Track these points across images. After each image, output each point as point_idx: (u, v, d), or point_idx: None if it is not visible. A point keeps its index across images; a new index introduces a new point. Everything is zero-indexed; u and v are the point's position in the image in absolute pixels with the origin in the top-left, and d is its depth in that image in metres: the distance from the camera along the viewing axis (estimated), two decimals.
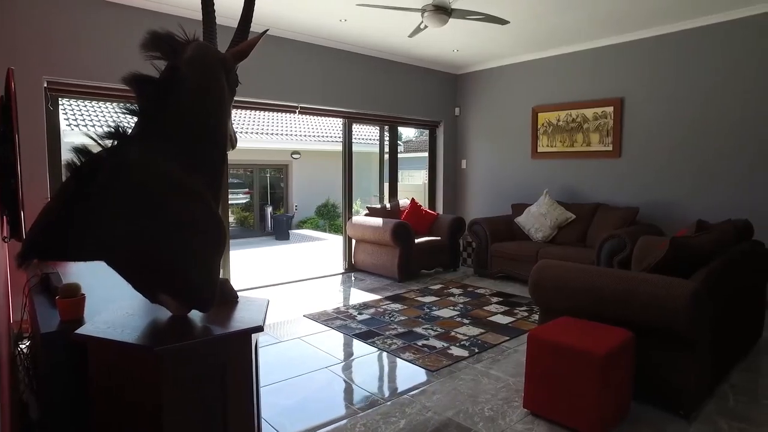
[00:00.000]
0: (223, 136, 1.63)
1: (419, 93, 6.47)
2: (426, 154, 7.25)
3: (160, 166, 1.43)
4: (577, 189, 5.67)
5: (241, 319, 1.57)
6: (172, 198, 1.42)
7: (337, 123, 13.48)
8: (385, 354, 3.26)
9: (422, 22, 3.72)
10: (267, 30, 1.95)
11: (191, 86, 1.53)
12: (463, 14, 3.59)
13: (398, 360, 3.14)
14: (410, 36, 4.13)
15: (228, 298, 1.72)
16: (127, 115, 1.49)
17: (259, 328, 1.49)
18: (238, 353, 1.50)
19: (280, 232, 11.43)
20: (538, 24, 4.78)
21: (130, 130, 1.47)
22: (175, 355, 1.38)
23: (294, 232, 11.93)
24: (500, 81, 6.38)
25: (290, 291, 5.02)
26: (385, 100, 6.06)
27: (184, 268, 1.43)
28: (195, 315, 1.58)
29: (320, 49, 5.37)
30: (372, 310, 4.25)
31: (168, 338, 1.43)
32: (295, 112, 5.28)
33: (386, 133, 6.70)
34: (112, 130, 1.42)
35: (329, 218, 12.73)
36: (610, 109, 5.29)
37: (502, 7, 4.08)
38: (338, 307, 4.36)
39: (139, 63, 1.55)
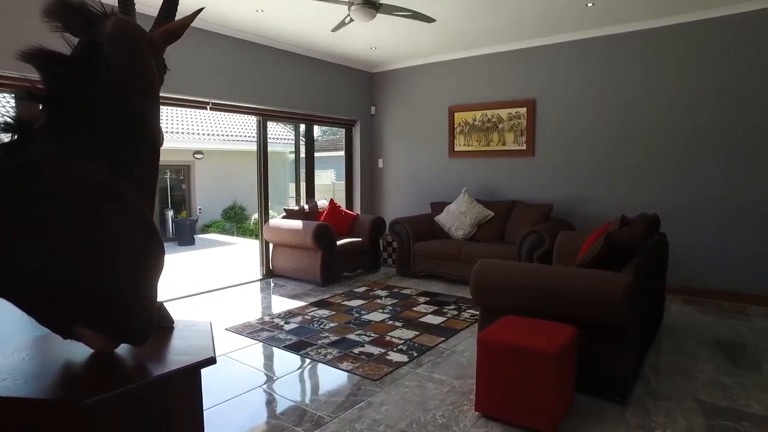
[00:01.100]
0: (156, 130, 1.34)
1: (336, 91, 6.30)
2: (335, 153, 7.13)
3: (81, 168, 1.12)
4: (494, 187, 5.86)
5: (185, 350, 1.29)
6: (97, 208, 1.13)
7: (246, 121, 12.88)
8: (321, 365, 3.07)
9: (348, 15, 3.57)
10: (203, 8, 1.69)
11: (116, 68, 1.22)
12: (391, 10, 3.49)
13: (337, 371, 2.97)
14: (333, 30, 3.96)
15: (162, 325, 1.44)
16: (33, 105, 1.15)
17: (211, 360, 1.23)
18: (185, 394, 1.23)
19: (184, 237, 10.64)
20: (458, 25, 4.83)
21: (36, 123, 1.12)
22: (107, 407, 1.07)
23: (199, 237, 11.17)
24: (417, 80, 6.40)
25: (205, 303, 4.62)
26: (302, 98, 5.82)
27: (113, 295, 1.15)
28: (124, 351, 1.29)
29: (235, 41, 5.01)
30: (299, 318, 4.03)
31: (93, 386, 1.11)
32: (207, 109, 4.87)
33: (298, 133, 6.45)
34: (10, 121, 1.08)
35: (237, 221, 12.10)
36: (523, 110, 5.51)
37: (426, 4, 4.05)
38: (262, 318, 4.07)
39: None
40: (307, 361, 3.14)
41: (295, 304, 4.49)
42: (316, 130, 12.22)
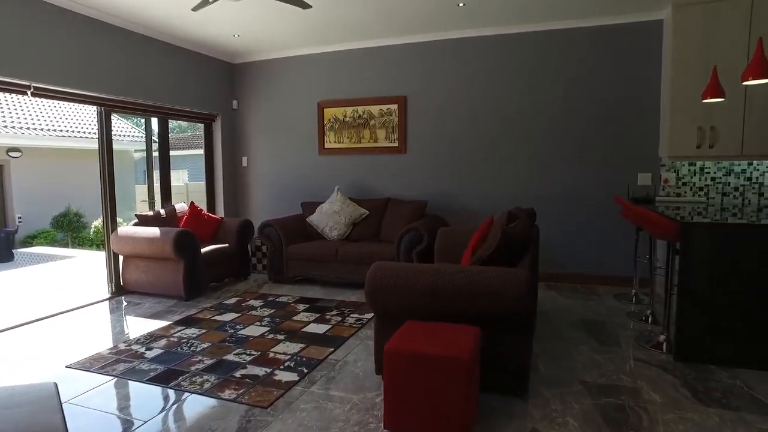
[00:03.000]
0: None
1: (193, 82, 5.65)
2: (187, 152, 6.46)
3: None
4: (367, 184, 5.76)
5: None
6: None
7: (84, 112, 11.11)
8: (198, 398, 2.62)
9: None
10: None
11: None
12: None
13: (218, 402, 2.56)
14: (194, 9, 3.46)
15: None
16: None
17: None
18: None
19: None
20: (328, 16, 4.60)
21: None
22: None
23: (21, 251, 9.34)
24: (284, 73, 6.03)
25: (35, 334, 3.76)
26: (153, 88, 5.09)
27: None
28: None
29: (70, 14, 4.15)
30: (163, 342, 3.46)
31: None
32: (27, 94, 3.94)
33: (150, 128, 5.66)
34: None
35: (73, 230, 10.39)
36: (394, 107, 5.50)
37: None
38: (116, 346, 3.42)
39: None
40: (180, 394, 2.67)
41: (156, 324, 3.88)
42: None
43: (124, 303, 4.59)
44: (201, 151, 6.31)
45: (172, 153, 5.76)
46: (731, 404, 2.48)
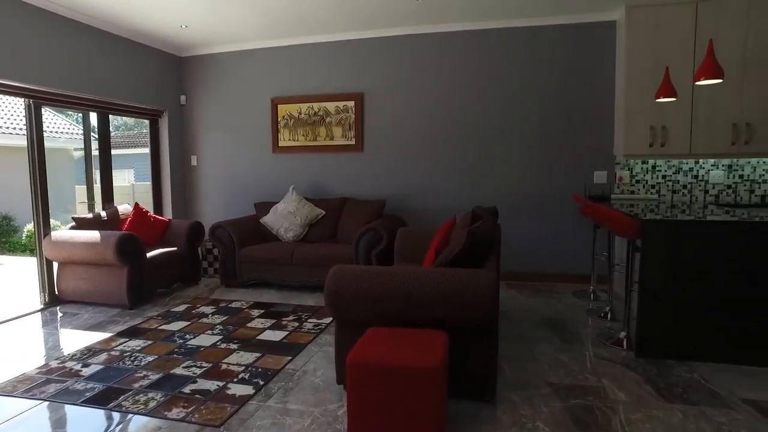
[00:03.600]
0: None
1: (136, 75, 5.29)
2: (133, 151, 6.09)
3: None
4: (323, 184, 5.58)
5: None
6: None
7: (13, 105, 10.23)
8: (142, 419, 2.38)
9: None
10: None
11: None
12: None
13: (165, 422, 2.33)
14: None
15: None
16: None
17: None
18: None
19: None
20: (284, 7, 4.40)
21: None
22: None
23: None
24: (235, 68, 5.76)
25: None
26: (92, 80, 4.71)
27: None
28: None
29: None
30: (103, 357, 3.17)
31: None
32: None
33: (88, 124, 5.26)
34: None
35: (1, 235, 9.60)
36: (351, 104, 5.34)
37: None
38: (47, 364, 3.10)
39: None
40: (121, 416, 2.42)
41: (95, 337, 3.56)
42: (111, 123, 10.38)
43: (59, 314, 4.21)
44: (148, 150, 5.94)
45: (117, 152, 5.39)
46: (692, 399, 2.50)
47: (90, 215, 4.68)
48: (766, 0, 4.13)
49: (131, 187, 10.35)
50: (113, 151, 5.30)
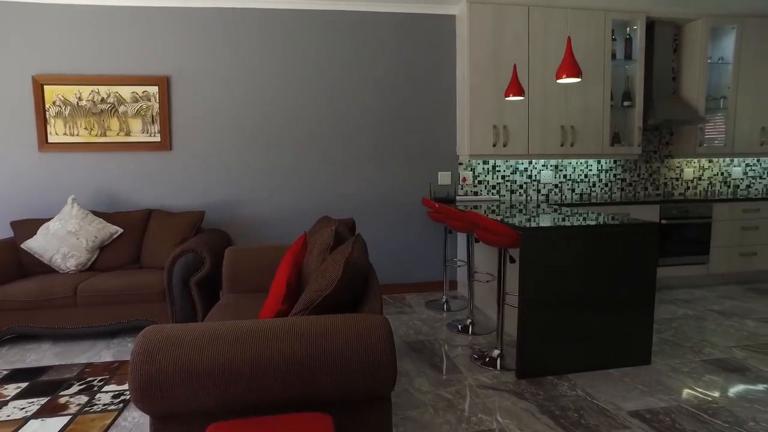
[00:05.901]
0: None
1: None
2: None
3: None
4: (118, 193, 4.28)
5: None
6: None
7: None
8: None
9: None
10: None
11: None
12: None
13: None
14: None
15: None
16: None
17: None
18: None
19: None
20: None
21: None
22: None
23: None
24: None
25: None
26: None
27: None
28: None
29: None
30: None
31: None
32: None
33: None
34: None
35: None
36: (154, 90, 4.16)
37: None
38: None
39: None
40: None
41: None
42: None
43: None
44: None
45: None
46: (590, 423, 2.28)
47: None
48: (582, 14, 4.34)
49: None
50: None
